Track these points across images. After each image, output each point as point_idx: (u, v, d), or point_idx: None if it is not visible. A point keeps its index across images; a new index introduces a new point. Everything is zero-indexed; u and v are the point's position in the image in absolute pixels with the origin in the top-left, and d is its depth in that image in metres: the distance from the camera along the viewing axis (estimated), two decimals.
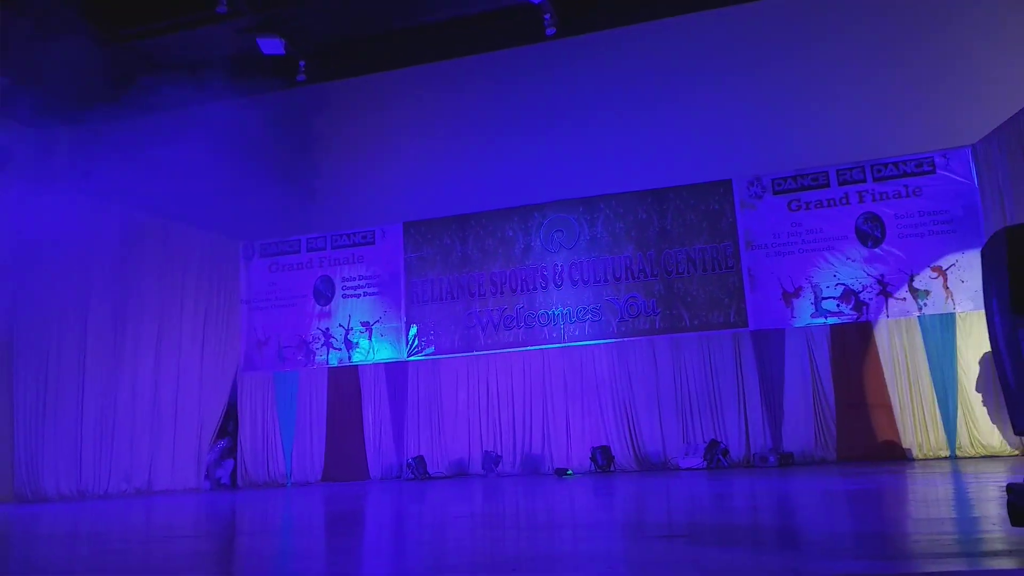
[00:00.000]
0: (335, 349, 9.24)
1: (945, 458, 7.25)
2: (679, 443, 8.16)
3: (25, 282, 7.36)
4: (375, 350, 9.12)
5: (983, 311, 2.64)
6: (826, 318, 7.84)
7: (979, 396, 7.30)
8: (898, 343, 7.71)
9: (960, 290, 7.52)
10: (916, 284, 7.73)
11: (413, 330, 9.03)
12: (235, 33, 8.38)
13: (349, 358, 9.18)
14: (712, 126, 8.46)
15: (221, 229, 9.29)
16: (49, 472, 7.35)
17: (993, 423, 7.14)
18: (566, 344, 8.64)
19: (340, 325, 9.26)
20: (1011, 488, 2.17)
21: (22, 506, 6.82)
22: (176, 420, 8.58)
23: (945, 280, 7.64)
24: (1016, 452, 7.00)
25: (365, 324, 9.18)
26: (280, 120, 8.63)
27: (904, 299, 7.73)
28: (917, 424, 7.51)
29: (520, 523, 3.82)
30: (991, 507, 3.14)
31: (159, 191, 7.91)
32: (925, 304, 7.66)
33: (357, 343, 9.17)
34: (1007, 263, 2.03)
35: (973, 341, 7.36)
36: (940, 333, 7.58)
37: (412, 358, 9.00)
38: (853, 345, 7.81)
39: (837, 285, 7.92)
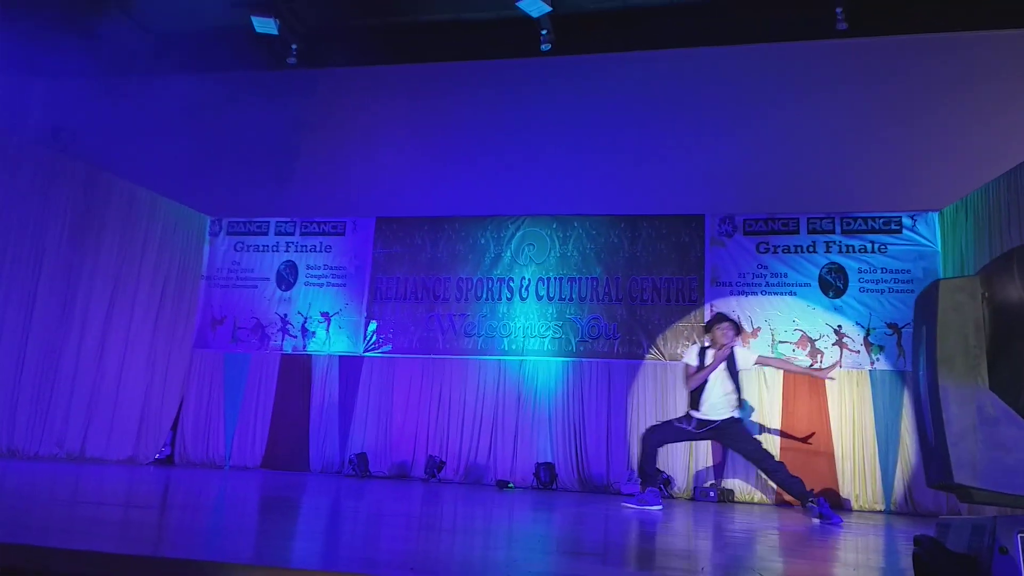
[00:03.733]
0: (291, 336, 9.12)
1: (880, 512, 7.35)
2: (623, 468, 8.17)
3: None
4: (331, 341, 9.03)
5: None
6: None
7: (918, 455, 7.42)
8: (847, 394, 7.82)
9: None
10: (871, 338, 7.86)
11: (372, 326, 8.96)
12: (230, 6, 8.34)
13: (304, 346, 9.07)
14: (690, 161, 8.56)
15: (190, 201, 9.14)
16: None
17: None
18: (524, 357, 8.63)
19: (299, 312, 9.15)
20: (917, 540, 2.19)
21: None
22: (118, 389, 8.35)
23: (899, 338, 7.78)
24: (951, 514, 7.11)
25: (324, 314, 9.09)
26: (264, 100, 8.56)
27: (858, 351, 7.86)
28: (856, 475, 7.61)
29: (447, 527, 3.79)
30: (906, 559, 3.19)
31: (132, 155, 7.79)
32: (878, 359, 7.79)
33: (314, 332, 9.07)
34: (937, 314, 2.05)
35: None
36: (889, 389, 7.71)
37: (368, 354, 8.93)
38: (803, 390, 7.91)
39: (795, 330, 8.04)
